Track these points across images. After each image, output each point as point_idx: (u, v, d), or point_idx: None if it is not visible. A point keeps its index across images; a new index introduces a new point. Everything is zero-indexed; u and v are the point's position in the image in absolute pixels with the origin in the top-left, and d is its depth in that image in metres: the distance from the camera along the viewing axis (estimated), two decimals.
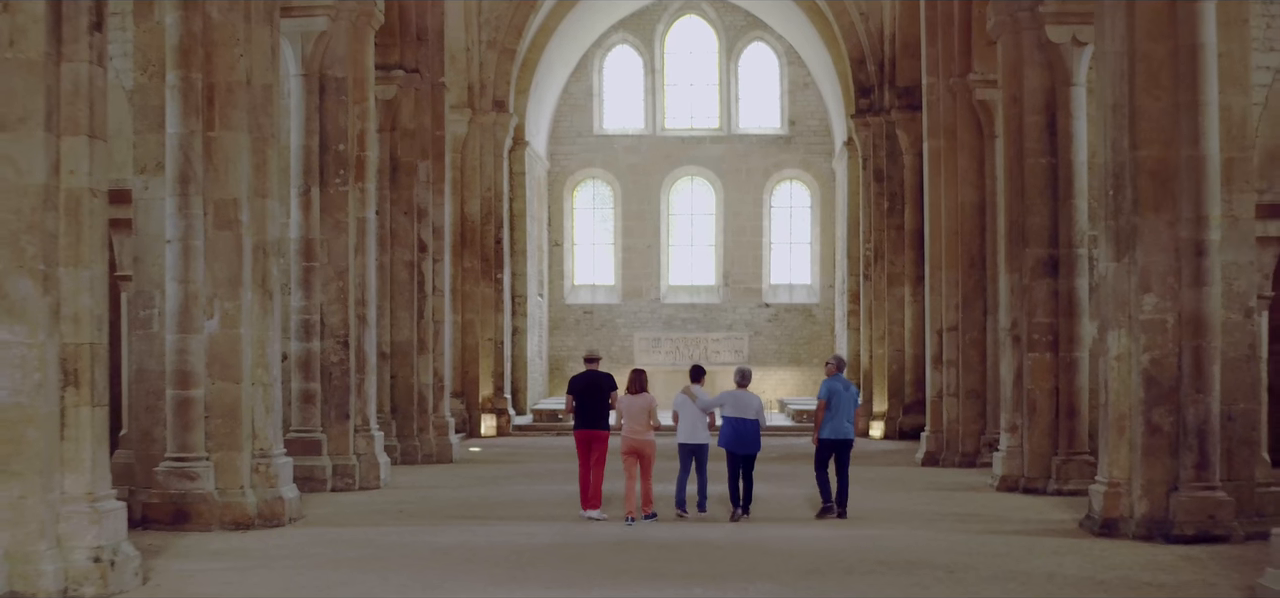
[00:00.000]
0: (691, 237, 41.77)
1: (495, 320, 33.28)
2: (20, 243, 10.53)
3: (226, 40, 15.28)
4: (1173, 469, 14.47)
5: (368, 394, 20.58)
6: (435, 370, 25.20)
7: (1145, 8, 14.58)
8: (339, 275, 19.96)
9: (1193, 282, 14.42)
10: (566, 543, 14.10)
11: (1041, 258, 19.36)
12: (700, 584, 11.59)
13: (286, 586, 11.64)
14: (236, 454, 15.25)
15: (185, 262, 15.14)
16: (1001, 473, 19.75)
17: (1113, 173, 15.00)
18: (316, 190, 19.76)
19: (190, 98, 15.13)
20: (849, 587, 11.57)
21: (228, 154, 15.26)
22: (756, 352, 39.92)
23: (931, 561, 12.87)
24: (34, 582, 10.50)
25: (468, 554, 13.26)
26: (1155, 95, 14.58)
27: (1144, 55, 14.62)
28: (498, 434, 32.48)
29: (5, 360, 10.49)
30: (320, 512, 16.67)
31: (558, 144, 41.00)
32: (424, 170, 24.72)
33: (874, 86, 32.78)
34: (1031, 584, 11.62)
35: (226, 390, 15.27)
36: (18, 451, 10.51)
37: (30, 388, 10.55)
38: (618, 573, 12.18)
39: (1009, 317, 20.10)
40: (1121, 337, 14.84)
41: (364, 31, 20.33)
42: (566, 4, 36.07)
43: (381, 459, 20.48)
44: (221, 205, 15.25)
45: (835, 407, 16.52)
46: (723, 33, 41.20)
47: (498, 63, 33.30)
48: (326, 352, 19.86)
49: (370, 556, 13.24)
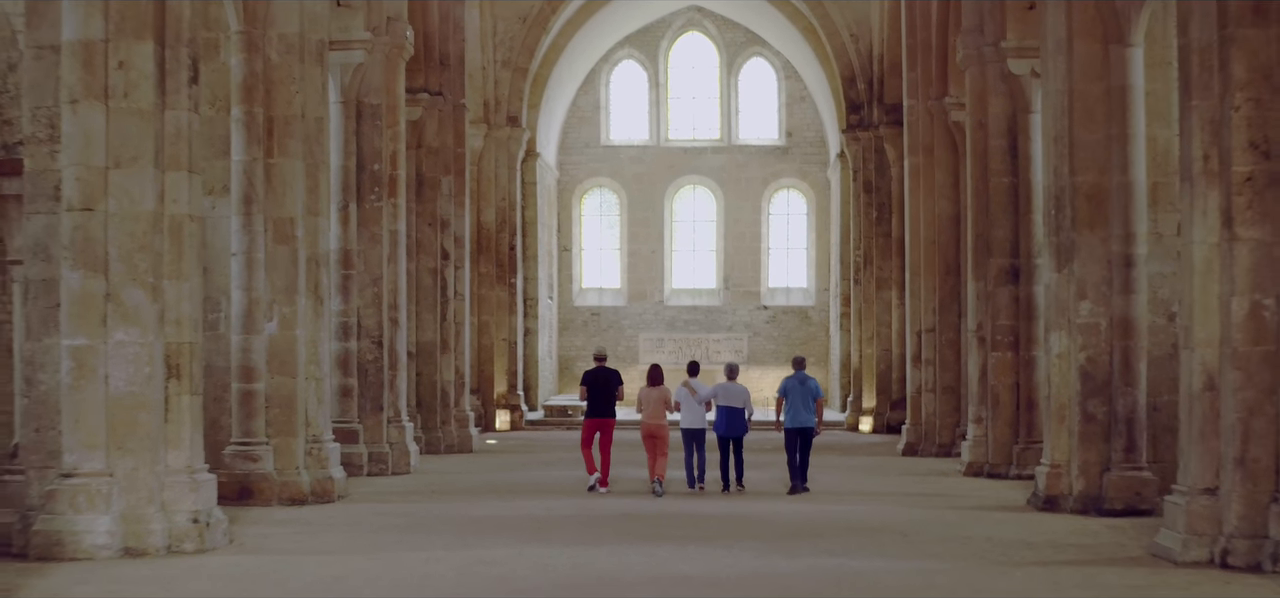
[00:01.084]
0: (693, 242, 43.95)
1: (509, 322, 35.51)
2: (134, 260, 12.80)
3: (284, 79, 17.56)
4: (1105, 453, 16.70)
5: (399, 389, 22.85)
6: (456, 368, 27.45)
7: (1082, 52, 16.81)
8: (374, 282, 22.24)
9: (1122, 290, 16.65)
10: (580, 514, 16.36)
11: (1004, 267, 21.59)
12: (693, 544, 13.85)
13: (348, 544, 13.90)
14: (292, 439, 17.51)
15: (248, 272, 17.41)
16: (969, 460, 21.99)
17: (1054, 195, 17.26)
18: (354, 206, 22.02)
19: (253, 129, 17.40)
20: (818, 545, 13.83)
21: (285, 178, 17.53)
22: (755, 352, 42.13)
23: (891, 528, 15.13)
24: (145, 539, 12.75)
25: (497, 523, 15.53)
26: (1090, 128, 16.81)
27: (1081, 93, 16.84)
28: (511, 429, 34.68)
29: (122, 357, 12.75)
30: (362, 491, 18.93)
31: (567, 154, 43.23)
32: (446, 185, 26.99)
33: (864, 103, 34.99)
34: (971, 545, 13.86)
35: (284, 384, 17.53)
36: (132, 431, 12.78)
37: (142, 379, 12.82)
38: (624, 535, 14.45)
39: (975, 319, 22.34)
40: (1062, 337, 17.10)
41: (396, 62, 22.60)
42: (575, 23, 38.25)
43: (411, 447, 22.75)
44: (280, 223, 17.52)
45: (793, 400, 19.07)
46: (723, 48, 43.40)
47: (511, 81, 35.56)
48: (362, 351, 22.12)
49: (413, 523, 15.51)
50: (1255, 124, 12.11)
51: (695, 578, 11.85)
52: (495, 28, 35.18)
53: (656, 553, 13.25)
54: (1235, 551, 12.09)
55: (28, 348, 13.21)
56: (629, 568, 12.34)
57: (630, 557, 12.98)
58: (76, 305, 12.72)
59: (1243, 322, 12.11)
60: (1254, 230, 12.08)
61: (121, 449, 12.78)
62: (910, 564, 12.56)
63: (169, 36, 13.03)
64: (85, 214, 12.72)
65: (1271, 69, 12.08)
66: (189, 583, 11.43)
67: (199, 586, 11.34)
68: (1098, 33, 16.71)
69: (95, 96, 12.75)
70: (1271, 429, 12.06)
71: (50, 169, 12.90)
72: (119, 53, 12.80)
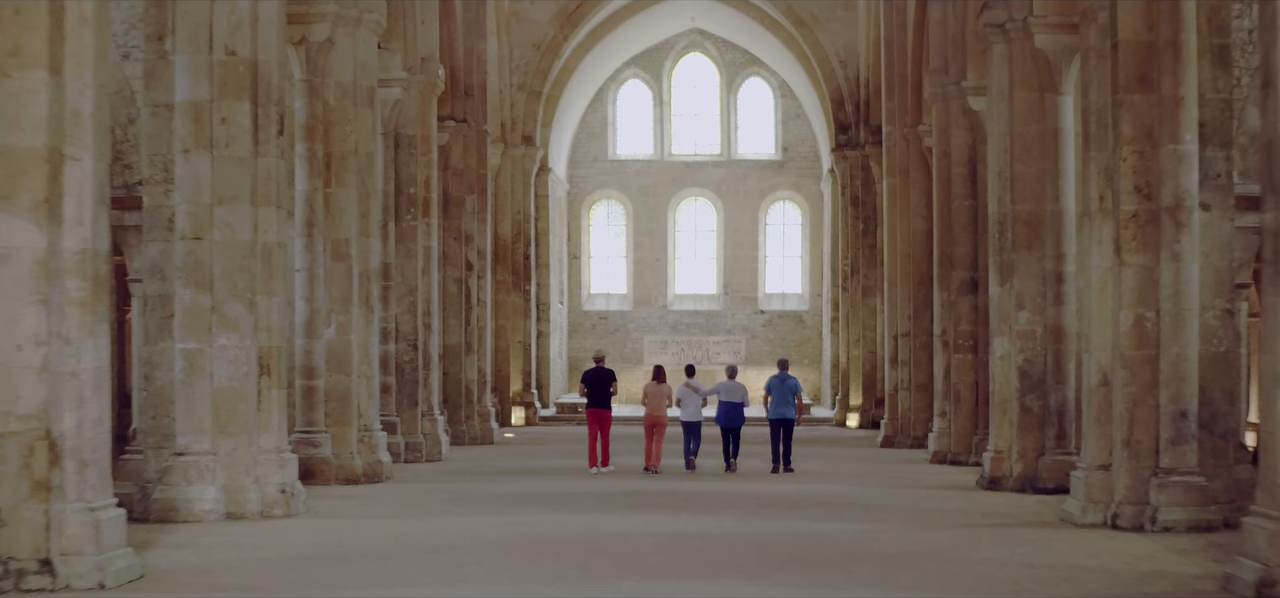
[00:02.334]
0: (695, 250, 46.88)
1: (523, 326, 38.47)
2: (235, 279, 15.77)
3: (340, 120, 20.53)
4: (1041, 440, 19.64)
5: (432, 386, 25.82)
6: (479, 368, 30.43)
7: (1021, 99, 19.76)
8: (410, 292, 25.21)
9: (1054, 302, 19.59)
10: (592, 491, 19.33)
11: (964, 279, 24.51)
12: (687, 512, 16.82)
13: (404, 512, 16.86)
14: (347, 428, 20.47)
15: (310, 285, 20.38)
16: (934, 449, 24.95)
17: (998, 221, 20.22)
18: (392, 225, 24.95)
19: (314, 163, 20.38)
20: (791, 513, 16.78)
21: (341, 205, 20.49)
22: (753, 353, 45.04)
23: (855, 502, 18.09)
24: (242, 506, 15.70)
25: (524, 497, 18.51)
26: (1028, 164, 19.76)
27: (1020, 134, 19.80)
28: (526, 424, 37.65)
29: (225, 358, 15.73)
30: (404, 475, 21.89)
31: (576, 168, 46.19)
32: (470, 202, 29.97)
33: (851, 124, 37.92)
34: (917, 514, 16.80)
35: (340, 381, 20.49)
36: (233, 418, 15.75)
37: (240, 376, 15.78)
38: (630, 506, 17.43)
39: (940, 325, 25.28)
40: (1004, 342, 20.06)
41: (429, 98, 25.58)
42: (584, 47, 41.19)
43: (443, 438, 25.73)
44: (336, 243, 20.49)
45: (776, 396, 22.40)
46: (723, 68, 46.34)
47: (526, 103, 38.54)
48: (400, 352, 25.07)
49: (454, 497, 18.48)
50: (1139, 172, 15.05)
51: (689, 534, 14.80)
52: (511, 54, 38.18)
53: (657, 518, 16.21)
54: (1123, 515, 15.03)
55: (145, 351, 16.15)
56: (634, 528, 15.31)
57: (635, 520, 15.95)
58: (188, 316, 15.69)
59: (1129, 331, 15.06)
60: (1137, 257, 15.03)
61: (223, 433, 15.74)
62: (862, 526, 15.53)
63: (261, 97, 16.01)
64: (195, 242, 15.69)
65: (1152, 128, 15.01)
66: (286, 538, 14.39)
67: (294, 539, 14.29)
68: (1035, 83, 19.66)
69: (203, 146, 15.73)
70: (1151, 418, 14.99)
71: (165, 205, 15.86)
72: (221, 111, 15.78)
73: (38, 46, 10.83)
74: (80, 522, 11.03)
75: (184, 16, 15.68)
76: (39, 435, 10.84)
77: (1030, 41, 19.27)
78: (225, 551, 13.33)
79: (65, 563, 10.93)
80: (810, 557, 13.20)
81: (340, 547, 13.77)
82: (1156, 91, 14.96)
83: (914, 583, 11.71)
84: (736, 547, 13.98)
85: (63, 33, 10.99)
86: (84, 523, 11.04)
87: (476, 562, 12.76)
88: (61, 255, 10.97)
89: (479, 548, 13.68)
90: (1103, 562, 12.76)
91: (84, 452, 11.10)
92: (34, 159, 10.79)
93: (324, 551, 13.45)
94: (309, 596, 11.03)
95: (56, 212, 10.92)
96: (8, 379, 10.77)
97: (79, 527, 11.02)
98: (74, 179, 11.07)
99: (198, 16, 15.69)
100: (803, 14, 38.39)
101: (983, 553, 13.38)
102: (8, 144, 10.77)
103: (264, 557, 12.99)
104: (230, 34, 15.78)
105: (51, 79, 10.86)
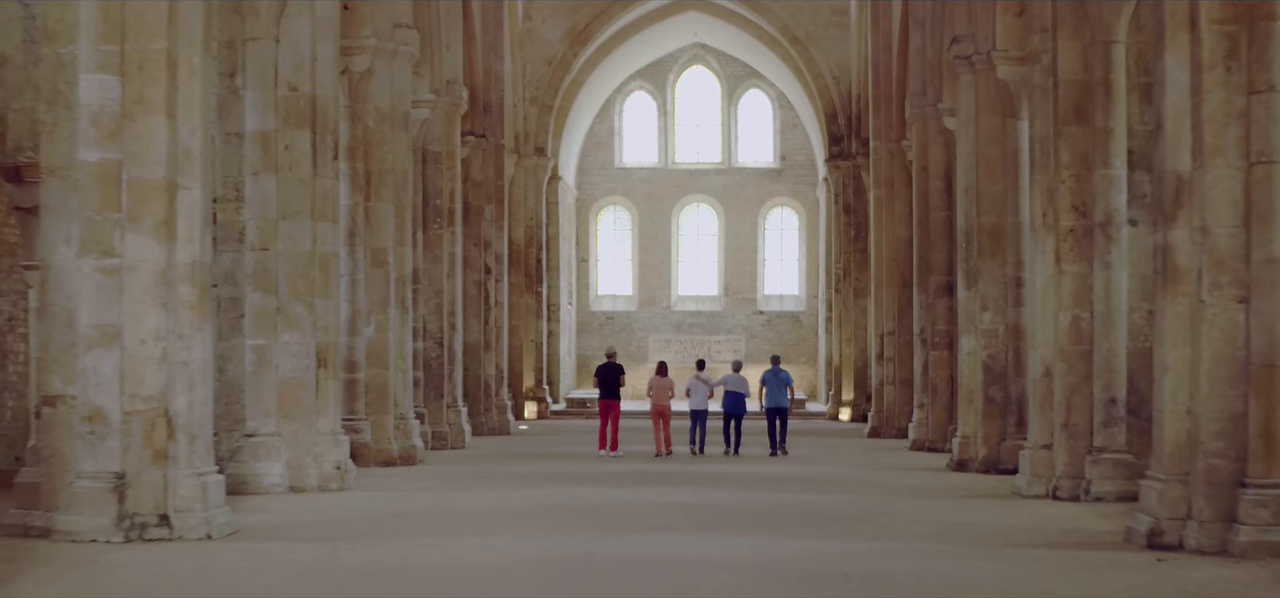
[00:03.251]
0: (697, 254, 49.40)
1: (535, 325, 40.96)
2: (297, 285, 18.24)
3: (379, 142, 23.00)
4: (1002, 427, 22.08)
5: (455, 380, 28.29)
6: (496, 365, 32.92)
7: (985, 124, 22.21)
8: (436, 294, 27.68)
9: (1014, 304, 22.04)
10: (605, 473, 21.80)
11: (940, 283, 26.95)
12: (689, 487, 19.29)
13: (441, 488, 19.32)
14: (385, 417, 22.94)
15: (353, 289, 22.83)
16: (914, 437, 27.40)
17: (965, 231, 22.69)
18: (420, 233, 27.42)
19: (356, 180, 22.84)
20: (778, 488, 19.25)
21: (380, 217, 22.96)
22: (752, 351, 47.48)
23: (834, 480, 20.56)
24: (303, 480, 18.17)
25: (544, 477, 20.98)
26: (991, 181, 22.21)
27: (984, 155, 22.25)
28: (538, 417, 40.11)
29: (288, 352, 18.20)
30: (434, 459, 24.36)
31: (584, 176, 48.70)
32: (489, 211, 32.46)
33: (844, 136, 40.37)
34: (886, 488, 19.27)
35: (378, 374, 22.96)
36: (295, 404, 18.22)
37: (301, 368, 18.26)
38: (639, 483, 19.91)
39: (919, 325, 27.74)
40: (970, 339, 22.52)
41: (453, 117, 28.06)
42: (592, 62, 43.66)
43: (465, 427, 28.21)
44: (376, 251, 22.95)
45: (771, 388, 25.03)
46: (724, 80, 48.85)
47: (538, 116, 41.05)
48: (427, 349, 27.53)
49: (482, 476, 20.96)
50: (1076, 193, 17.51)
51: (690, 504, 17.27)
52: (525, 70, 40.69)
53: (663, 492, 18.69)
54: (1062, 487, 17.48)
55: (219, 347, 18.62)
56: (643, 500, 17.78)
57: (644, 494, 18.43)
58: (257, 317, 18.17)
59: (1067, 329, 17.52)
60: (1074, 266, 17.49)
61: (287, 417, 18.22)
62: (837, 497, 18.01)
63: (319, 126, 18.50)
64: (263, 252, 18.18)
65: (1087, 155, 17.46)
66: (345, 505, 16.86)
67: (353, 506, 16.76)
68: (997, 109, 22.11)
69: (269, 169, 18.21)
70: (1086, 404, 17.44)
71: (236, 220, 18.33)
72: (285, 139, 18.27)
73: (158, 96, 13.32)
74: (191, 485, 13.51)
75: (253, 57, 18.17)
76: (159, 413, 13.32)
77: (993, 73, 21.70)
78: (297, 513, 15.81)
79: (179, 518, 13.41)
80: (792, 518, 15.68)
81: (394, 511, 16.25)
82: (1091, 124, 17.40)
83: (875, 535, 14.19)
84: (730, 511, 16.46)
85: (176, 84, 13.48)
86: (194, 486, 13.53)
87: (510, 522, 15.25)
88: (176, 266, 13.46)
89: (510, 513, 16.16)
90: (1035, 522, 15.23)
91: (194, 427, 13.59)
92: (155, 188, 13.28)
93: (381, 513, 15.93)
94: (381, 541, 13.49)
95: (172, 231, 13.41)
96: (134, 367, 13.25)
97: (190, 489, 13.50)
98: (185, 204, 13.55)
99: (265, 57, 18.18)
100: (798, 32, 40.87)
101: (937, 517, 15.85)
102: (135, 176, 13.26)
103: (333, 517, 15.47)
104: (293, 72, 18.29)
105: (169, 122, 13.35)
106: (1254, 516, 12.42)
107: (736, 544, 13.49)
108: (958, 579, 11.52)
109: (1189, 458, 13.02)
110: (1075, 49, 17.51)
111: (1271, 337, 12.53)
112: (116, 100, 13.26)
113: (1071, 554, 12.84)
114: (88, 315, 13.23)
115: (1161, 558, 12.49)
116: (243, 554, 12.64)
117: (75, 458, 13.28)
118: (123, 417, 13.24)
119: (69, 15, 13.34)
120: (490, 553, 12.85)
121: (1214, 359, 12.76)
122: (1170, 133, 13.24)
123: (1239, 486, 12.61)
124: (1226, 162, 12.70)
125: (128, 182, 13.25)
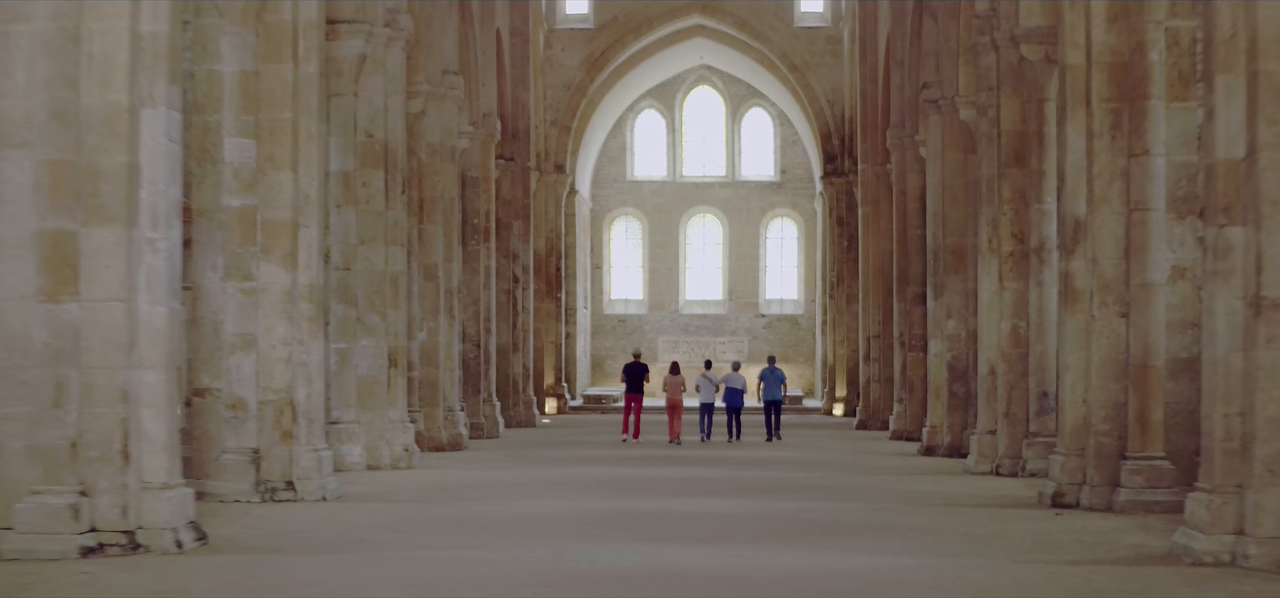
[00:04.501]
0: (703, 261, 53.12)
1: (555, 328, 44.74)
2: (371, 298, 22.08)
3: (431, 172, 26.82)
4: (964, 418, 25.86)
5: (490, 378, 32.11)
6: (523, 364, 36.74)
7: (950, 158, 26.00)
8: (474, 303, 31.51)
9: (973, 313, 25.74)
10: (625, 455, 25.63)
11: (916, 292, 30.68)
12: (698, 466, 23.13)
13: (488, 466, 23.13)
14: (435, 409, 26.74)
15: (408, 299, 26.62)
16: (894, 429, 31.19)
17: (933, 251, 26.51)
18: (460, 248, 31.24)
19: (412, 206, 26.58)
20: (771, 468, 23.07)
21: (431, 237, 26.77)
22: (754, 352, 51.19)
23: (820, 462, 24.38)
24: (378, 460, 21.99)
25: (572, 458, 24.81)
26: (955, 207, 25.99)
27: (949, 184, 26.04)
28: (558, 412, 43.90)
29: (366, 354, 22.03)
30: (476, 446, 28.19)
31: (598, 188, 52.48)
32: (517, 227, 36.29)
33: (837, 155, 44.16)
34: (861, 468, 23.08)
35: (430, 373, 26.76)
36: (371, 398, 22.05)
37: (376, 367, 22.09)
38: (655, 463, 23.75)
39: (898, 329, 31.53)
40: (937, 343, 26.33)
41: (489, 146, 31.90)
42: (607, 85, 47.47)
43: (499, 420, 32.04)
44: (428, 266, 26.76)
45: (767, 383, 28.94)
46: (729, 99, 52.60)
47: (557, 137, 44.87)
48: (465, 351, 31.34)
49: (520, 459, 24.79)
50: (1015, 223, 21.31)
51: (698, 479, 21.08)
52: (546, 95, 44.54)
53: (676, 471, 22.52)
54: (1004, 465, 21.28)
55: None
56: (659, 475, 21.60)
57: (659, 471, 22.25)
58: (340, 324, 22.00)
59: (1008, 335, 21.32)
60: (1013, 283, 21.29)
61: (365, 408, 22.05)
62: (820, 475, 21.84)
63: (390, 166, 22.34)
64: (345, 271, 22.00)
65: (1025, 192, 21.25)
66: (417, 478, 20.67)
67: (424, 479, 20.56)
68: (960, 145, 25.88)
69: (350, 203, 22.03)
70: (1023, 397, 21.23)
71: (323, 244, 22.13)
72: (362, 177, 22.10)
73: (284, 155, 17.13)
74: (309, 458, 17.33)
75: (336, 109, 21.99)
76: (285, 402, 17.13)
77: (956, 115, 25.48)
78: (380, 484, 19.64)
79: (301, 483, 17.21)
80: (778, 488, 19.50)
81: (457, 483, 20.09)
82: (1027, 166, 21.19)
83: (841, 497, 18.02)
84: (728, 482, 20.30)
85: (298, 145, 17.28)
86: (311, 459, 17.34)
87: (554, 489, 19.08)
88: (298, 288, 17.26)
89: (552, 483, 20.01)
90: (973, 491, 19.05)
91: (311, 413, 17.41)
92: (283, 227, 17.09)
93: (448, 484, 19.77)
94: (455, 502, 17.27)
95: (294, 260, 17.21)
96: (267, 366, 17.06)
97: (308, 461, 17.32)
98: (305, 239, 17.37)
99: (345, 108, 22.00)
100: (796, 59, 44.70)
101: (896, 488, 19.66)
102: (267, 217, 17.07)
103: (410, 486, 19.32)
104: (369, 121, 22.12)
105: (293, 176, 17.16)
106: (1131, 481, 16.19)
107: (734, 504, 17.30)
108: (898, 526, 15.32)
109: (1084, 437, 16.81)
110: (1015, 104, 21.31)
111: (1146, 344, 16.30)
112: (252, 158, 17.06)
113: (992, 511, 16.65)
114: (231, 326, 17.04)
115: (1059, 513, 16.29)
116: (355, 510, 16.46)
117: (220, 437, 17.09)
118: (258, 405, 17.04)
119: (214, 91, 17.16)
120: (543, 508, 16.69)
121: (1103, 361, 16.55)
122: (1070, 185, 17.07)
123: (1121, 458, 16.40)
124: (1111, 209, 16.48)
125: (262, 222, 17.05)
